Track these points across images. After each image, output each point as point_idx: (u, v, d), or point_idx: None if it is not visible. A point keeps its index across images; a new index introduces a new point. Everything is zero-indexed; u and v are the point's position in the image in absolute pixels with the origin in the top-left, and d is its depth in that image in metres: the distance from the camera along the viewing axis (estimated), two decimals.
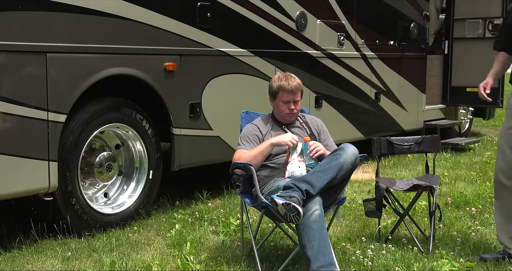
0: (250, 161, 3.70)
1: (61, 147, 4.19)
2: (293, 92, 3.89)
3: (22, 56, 3.95)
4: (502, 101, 8.28)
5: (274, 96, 3.96)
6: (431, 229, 4.17)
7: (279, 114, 3.97)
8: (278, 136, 3.80)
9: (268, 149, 3.76)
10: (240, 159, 3.75)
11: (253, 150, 3.79)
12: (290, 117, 3.97)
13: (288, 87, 3.88)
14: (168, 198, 5.34)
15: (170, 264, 3.84)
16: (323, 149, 3.79)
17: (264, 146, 3.77)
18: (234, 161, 3.77)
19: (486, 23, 8.14)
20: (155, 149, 4.92)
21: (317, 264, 3.24)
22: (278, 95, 3.92)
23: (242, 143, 3.87)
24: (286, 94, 3.89)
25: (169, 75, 4.88)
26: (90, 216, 4.45)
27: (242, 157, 3.76)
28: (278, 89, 3.91)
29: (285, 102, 3.91)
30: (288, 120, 3.99)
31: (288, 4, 5.98)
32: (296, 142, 3.72)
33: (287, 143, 3.72)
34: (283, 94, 3.90)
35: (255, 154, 3.75)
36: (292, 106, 3.91)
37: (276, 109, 3.98)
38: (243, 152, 3.81)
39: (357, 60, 7.10)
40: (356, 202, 5.37)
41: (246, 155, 3.76)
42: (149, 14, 4.70)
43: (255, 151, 3.77)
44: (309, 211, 3.34)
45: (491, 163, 7.23)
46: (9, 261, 3.87)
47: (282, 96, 3.91)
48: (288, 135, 3.77)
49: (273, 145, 3.75)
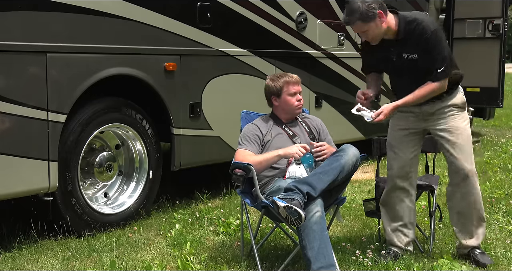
0: (254, 166, 3.65)
1: (61, 147, 4.18)
2: (298, 83, 3.96)
3: (22, 56, 3.95)
4: (502, 101, 8.28)
5: (279, 93, 3.94)
6: (431, 229, 4.17)
7: (289, 109, 3.95)
8: (286, 148, 3.71)
9: (275, 159, 3.70)
10: (244, 160, 3.71)
11: (259, 156, 3.73)
12: (299, 109, 3.98)
13: (292, 79, 3.94)
14: (168, 198, 5.34)
15: (170, 264, 3.83)
16: (326, 145, 3.82)
17: (271, 155, 3.70)
18: (237, 160, 3.75)
19: (486, 23, 8.15)
20: (155, 149, 4.92)
21: (317, 265, 3.25)
22: (283, 90, 3.93)
23: (243, 143, 3.86)
24: (291, 86, 3.93)
25: (169, 75, 4.88)
26: (90, 216, 4.44)
27: (246, 160, 3.70)
28: (283, 84, 3.93)
29: (293, 94, 3.93)
30: (297, 113, 3.99)
31: (288, 4, 5.97)
32: (303, 154, 3.66)
33: (294, 155, 3.66)
34: (288, 87, 3.93)
35: (260, 161, 3.70)
36: (299, 97, 3.94)
37: (284, 106, 3.95)
38: (248, 155, 3.76)
39: (357, 60, 7.05)
40: (356, 202, 5.37)
41: (251, 159, 3.71)
42: (149, 14, 4.70)
43: (261, 158, 3.71)
44: (310, 213, 3.34)
45: (491, 163, 7.24)
46: (9, 261, 3.87)
47: (289, 89, 3.92)
48: (295, 147, 3.69)
49: (280, 156, 3.69)
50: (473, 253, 3.86)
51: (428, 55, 3.62)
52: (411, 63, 3.68)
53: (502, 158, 7.63)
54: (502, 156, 7.77)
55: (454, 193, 3.85)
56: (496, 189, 5.79)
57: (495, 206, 5.20)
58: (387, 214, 4.02)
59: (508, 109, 13.57)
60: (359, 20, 3.55)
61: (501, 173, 6.63)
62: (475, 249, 3.86)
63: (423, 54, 3.63)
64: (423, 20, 3.61)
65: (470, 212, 3.83)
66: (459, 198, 3.82)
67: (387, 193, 3.99)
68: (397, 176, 3.92)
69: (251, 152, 3.79)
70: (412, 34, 3.61)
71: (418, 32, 3.60)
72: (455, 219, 3.91)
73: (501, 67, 8.13)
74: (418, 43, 3.61)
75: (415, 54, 3.65)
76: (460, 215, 3.87)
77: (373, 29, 3.58)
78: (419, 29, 3.59)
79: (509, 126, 11.36)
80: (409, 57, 3.66)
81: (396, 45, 3.68)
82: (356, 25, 3.59)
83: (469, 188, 3.78)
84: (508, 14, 8.36)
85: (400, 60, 3.71)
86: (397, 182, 3.92)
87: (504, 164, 7.19)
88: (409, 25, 3.62)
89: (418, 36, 3.59)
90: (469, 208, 3.82)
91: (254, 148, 3.83)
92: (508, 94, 17.16)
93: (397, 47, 3.69)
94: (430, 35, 3.58)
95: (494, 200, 5.33)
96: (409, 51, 3.66)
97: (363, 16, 3.53)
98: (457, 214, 3.88)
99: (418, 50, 3.63)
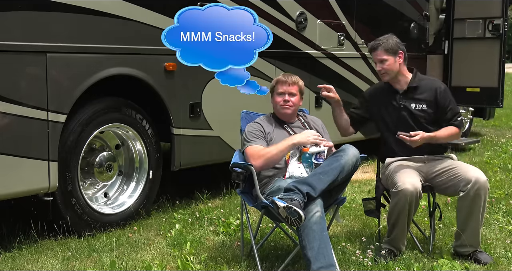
0: (270, 157, 3.63)
1: (61, 147, 4.18)
2: (287, 83, 3.93)
3: (22, 56, 3.95)
4: (502, 101, 8.28)
5: (272, 92, 4.00)
6: (431, 229, 4.17)
7: (275, 108, 3.98)
8: (298, 135, 3.71)
9: (289, 149, 3.69)
10: (258, 154, 3.65)
11: (272, 148, 3.69)
12: (284, 109, 3.92)
13: (283, 79, 3.95)
14: (168, 198, 5.34)
15: (170, 264, 3.84)
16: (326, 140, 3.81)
17: (285, 145, 3.67)
18: (250, 157, 3.69)
19: (486, 23, 8.15)
20: (155, 149, 4.92)
21: (317, 265, 3.24)
22: (274, 88, 3.98)
23: (252, 140, 3.80)
24: (280, 85, 3.94)
25: (169, 75, 4.88)
26: (90, 216, 4.44)
27: (260, 153, 3.66)
28: (275, 83, 3.99)
29: (280, 94, 3.93)
30: (283, 113, 3.95)
31: (288, 4, 5.97)
32: (319, 141, 3.66)
33: (310, 143, 3.66)
34: (278, 86, 3.96)
35: (276, 152, 3.66)
36: (286, 97, 3.91)
37: (273, 104, 4.00)
38: (257, 148, 3.72)
39: (357, 60, 7.10)
40: (356, 202, 5.37)
41: (264, 151, 3.67)
42: (149, 14, 4.70)
43: (275, 149, 3.67)
44: (310, 213, 3.34)
45: (491, 163, 7.24)
46: (9, 261, 3.87)
47: (277, 88, 3.96)
48: (308, 133, 3.72)
49: (294, 144, 3.68)
50: (473, 252, 3.88)
51: (441, 105, 3.98)
52: (418, 114, 4.00)
53: (502, 158, 7.63)
54: (502, 156, 7.77)
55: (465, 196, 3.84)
56: (496, 189, 5.79)
57: (495, 206, 5.20)
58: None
59: (508, 109, 13.57)
60: (383, 49, 4.01)
61: (501, 173, 6.63)
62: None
63: (433, 104, 3.98)
64: (434, 78, 4.18)
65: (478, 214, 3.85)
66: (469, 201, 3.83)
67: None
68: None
69: (261, 146, 3.78)
70: (425, 84, 4.01)
71: (431, 83, 4.04)
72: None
73: (501, 67, 8.13)
74: (431, 94, 3.97)
75: (425, 104, 3.99)
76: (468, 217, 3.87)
77: (390, 62, 3.99)
78: (432, 81, 4.09)
79: (509, 126, 11.36)
80: (417, 107, 3.99)
81: (406, 94, 4.03)
82: (378, 52, 4.02)
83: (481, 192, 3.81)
84: (508, 14, 8.36)
85: (407, 110, 4.01)
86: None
87: (504, 164, 7.19)
88: (422, 76, 4.11)
89: (431, 87, 4.01)
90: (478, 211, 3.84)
91: (264, 143, 3.81)
92: (508, 94, 17.16)
93: (406, 97, 4.02)
94: (444, 88, 4.03)
95: (494, 200, 5.33)
96: (419, 102, 4.00)
97: (387, 47, 4.00)
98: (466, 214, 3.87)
99: (428, 101, 3.97)
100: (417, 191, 3.74)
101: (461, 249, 3.92)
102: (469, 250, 3.88)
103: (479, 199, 3.77)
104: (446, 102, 4.01)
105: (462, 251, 3.92)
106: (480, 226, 3.88)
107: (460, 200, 3.86)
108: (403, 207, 3.75)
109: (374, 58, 4.09)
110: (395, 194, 3.78)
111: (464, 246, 3.90)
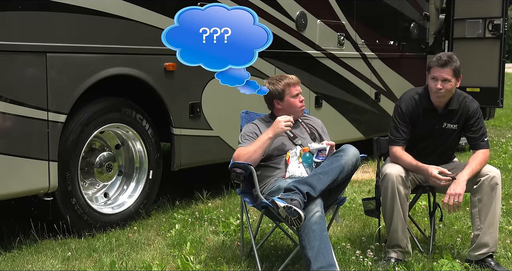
0: (250, 156, 3.67)
1: (61, 147, 4.18)
2: (298, 84, 3.95)
3: (22, 56, 3.95)
4: (502, 101, 8.28)
5: (281, 96, 3.91)
6: (431, 229, 4.18)
7: (293, 111, 3.91)
8: (272, 127, 3.73)
9: (268, 142, 3.71)
10: (239, 156, 3.71)
11: (251, 146, 3.73)
12: (302, 111, 3.99)
13: (292, 80, 3.93)
14: (168, 198, 5.34)
15: (170, 264, 3.84)
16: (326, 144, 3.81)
17: (262, 140, 3.71)
18: (233, 159, 3.75)
19: (486, 23, 8.14)
20: (155, 149, 4.92)
21: (317, 265, 3.24)
22: (286, 93, 3.91)
23: (243, 141, 3.84)
24: (293, 87, 3.92)
25: (169, 75, 4.88)
26: (90, 216, 4.45)
27: (240, 154, 3.72)
28: (284, 87, 3.91)
29: (295, 96, 3.93)
30: (301, 115, 3.99)
31: (288, 4, 5.97)
32: (290, 122, 3.69)
33: (284, 129, 3.70)
34: (290, 89, 3.91)
35: (255, 149, 3.70)
36: (302, 97, 3.96)
37: (288, 108, 3.92)
38: (241, 149, 3.77)
39: (357, 60, 7.10)
40: (356, 202, 5.38)
41: (245, 151, 3.72)
42: (149, 14, 4.70)
43: (254, 147, 3.72)
44: (310, 213, 3.34)
45: (491, 163, 7.23)
46: (9, 261, 3.87)
47: (291, 91, 3.91)
48: (280, 123, 3.71)
49: (270, 137, 3.71)
50: (488, 262, 3.80)
51: (472, 125, 3.99)
52: (448, 132, 4.03)
53: (502, 158, 7.63)
54: (502, 156, 7.77)
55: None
56: None
57: None
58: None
59: (508, 109, 13.58)
60: (452, 68, 3.88)
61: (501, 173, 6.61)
62: (489, 258, 3.82)
63: (463, 124, 4.01)
64: (469, 96, 4.08)
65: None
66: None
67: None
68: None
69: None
70: (463, 107, 3.99)
71: (468, 105, 4.00)
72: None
73: (501, 67, 8.13)
74: (466, 117, 3.99)
75: (456, 124, 4.02)
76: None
77: (451, 84, 3.89)
78: (470, 102, 4.01)
79: (509, 126, 11.36)
80: (448, 126, 4.01)
81: (443, 115, 4.01)
82: (447, 70, 3.86)
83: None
84: (508, 14, 8.36)
85: (441, 129, 4.03)
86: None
87: (504, 164, 7.19)
88: (460, 97, 4.02)
89: (468, 109, 3.98)
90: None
91: None
92: (508, 94, 17.17)
93: (443, 117, 4.01)
94: (477, 109, 4.02)
95: None
96: (451, 122, 4.01)
97: (456, 68, 3.89)
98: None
99: (460, 121, 4.00)
100: (401, 176, 3.78)
101: (476, 252, 3.81)
102: (485, 251, 3.79)
103: (494, 189, 3.81)
104: (477, 123, 3.99)
105: (477, 254, 3.80)
106: (497, 221, 3.84)
107: (474, 193, 3.84)
108: (392, 194, 3.77)
109: (437, 75, 3.88)
110: (381, 182, 3.86)
111: (479, 246, 3.80)
